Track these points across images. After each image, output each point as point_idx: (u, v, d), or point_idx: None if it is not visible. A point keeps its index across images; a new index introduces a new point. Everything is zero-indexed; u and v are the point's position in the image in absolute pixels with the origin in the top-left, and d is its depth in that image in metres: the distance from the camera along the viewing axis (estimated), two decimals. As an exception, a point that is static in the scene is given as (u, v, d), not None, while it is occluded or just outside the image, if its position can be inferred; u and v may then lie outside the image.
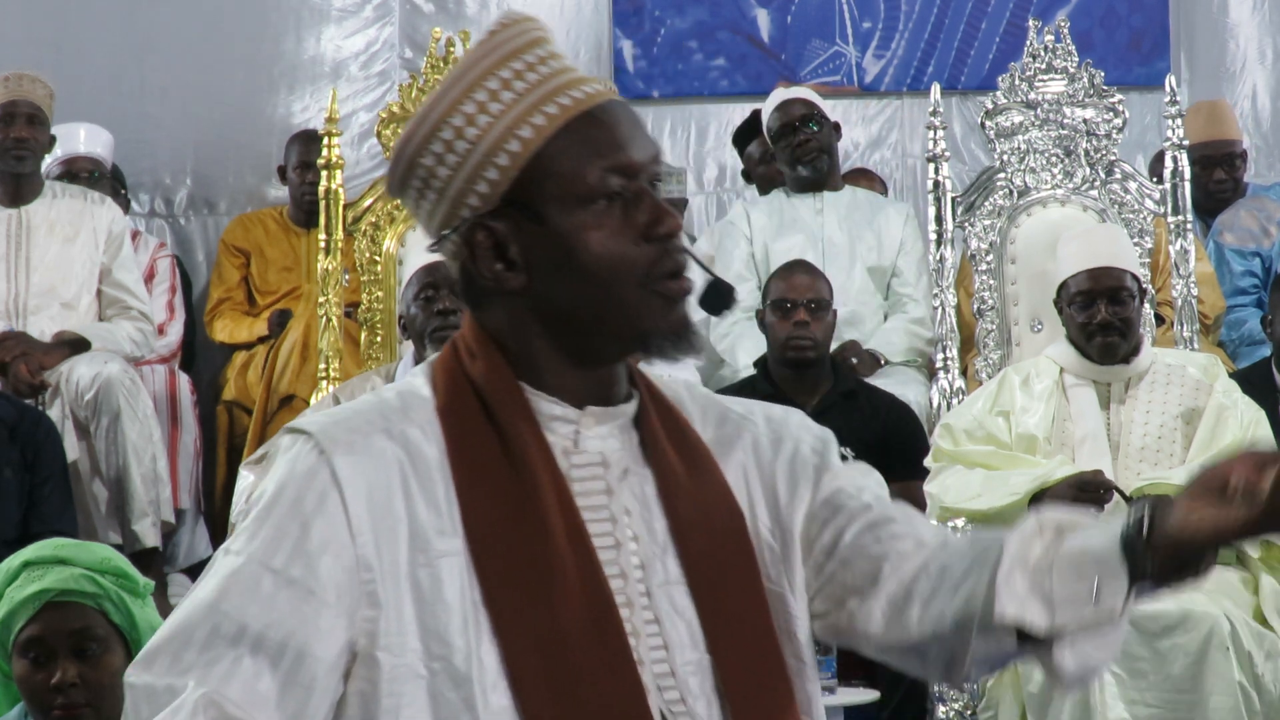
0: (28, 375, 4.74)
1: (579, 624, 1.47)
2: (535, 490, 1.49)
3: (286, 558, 1.43)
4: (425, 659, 1.44)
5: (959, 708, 3.92)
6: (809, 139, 5.41)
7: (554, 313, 1.53)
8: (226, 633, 1.42)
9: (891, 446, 4.56)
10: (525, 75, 1.53)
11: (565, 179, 1.51)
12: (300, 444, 1.48)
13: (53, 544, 2.45)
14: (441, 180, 1.52)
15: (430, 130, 1.52)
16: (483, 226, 1.52)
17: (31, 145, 5.07)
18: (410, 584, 1.45)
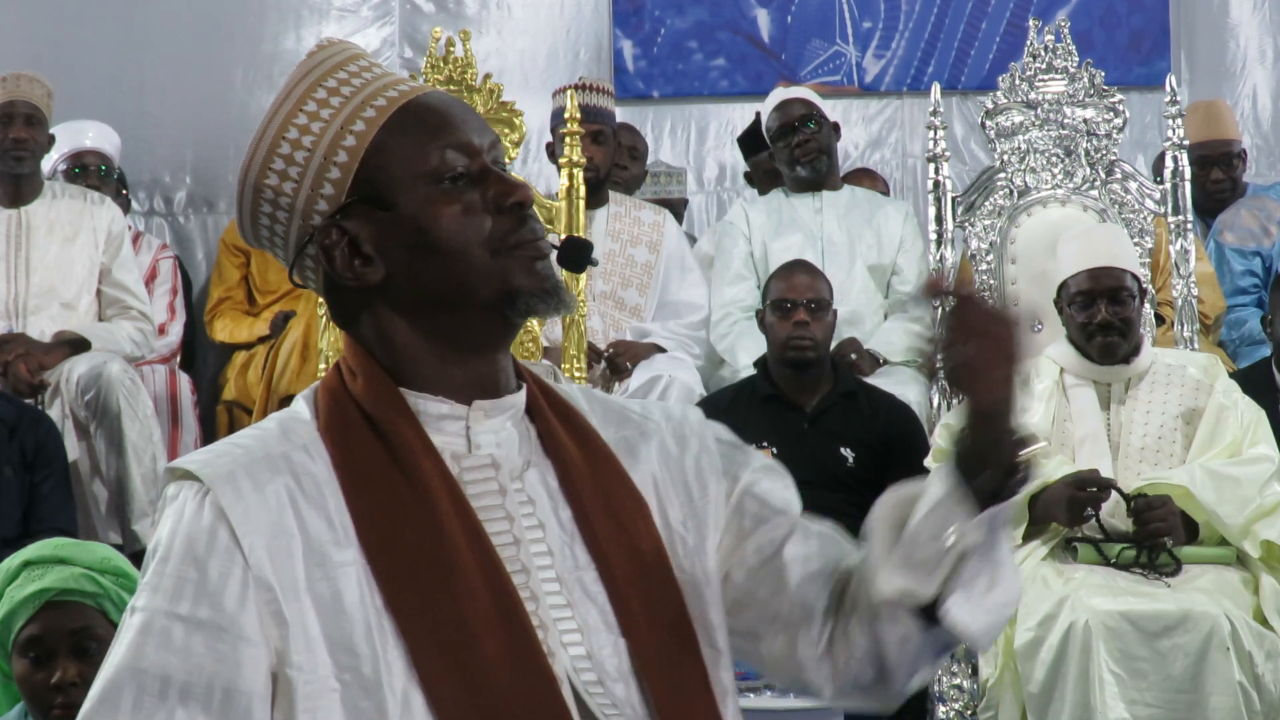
0: (28, 375, 4.74)
1: (483, 619, 1.48)
2: (427, 493, 1.51)
3: (191, 603, 1.45)
4: (335, 671, 1.45)
5: (959, 708, 3.92)
6: (808, 139, 5.41)
7: (418, 299, 1.55)
8: (152, 690, 1.43)
9: (891, 446, 4.56)
10: (350, 81, 1.57)
11: (407, 161, 1.54)
12: (184, 488, 1.50)
13: (53, 544, 2.45)
14: (289, 196, 1.55)
15: (267, 151, 1.56)
16: (335, 227, 1.55)
17: (30, 145, 5.07)
18: (311, 598, 1.46)
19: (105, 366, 4.72)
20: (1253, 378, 4.70)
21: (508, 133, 4.46)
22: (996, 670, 3.76)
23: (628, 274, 5.44)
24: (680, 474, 1.65)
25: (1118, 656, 3.59)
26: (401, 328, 1.56)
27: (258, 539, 1.46)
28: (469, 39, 4.56)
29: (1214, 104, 6.11)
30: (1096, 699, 3.57)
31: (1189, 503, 3.88)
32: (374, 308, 1.56)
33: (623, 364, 5.14)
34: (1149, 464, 4.01)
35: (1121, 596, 3.67)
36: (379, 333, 1.56)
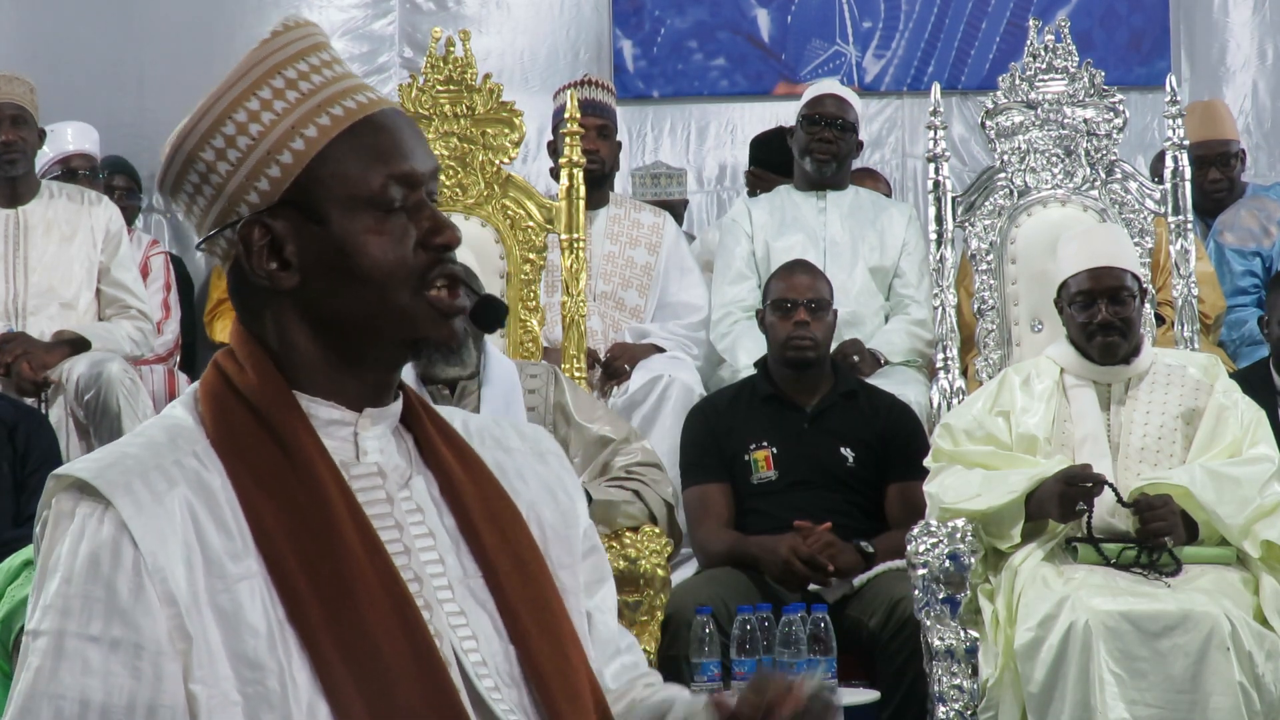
0: (31, 374, 4.74)
1: (384, 630, 1.47)
2: (325, 501, 1.49)
3: (104, 622, 1.41)
4: (239, 685, 1.43)
5: (959, 708, 3.92)
6: (830, 141, 5.42)
7: (325, 315, 1.53)
8: (71, 714, 1.40)
9: (891, 446, 4.56)
10: (310, 77, 1.55)
11: (349, 181, 1.52)
12: (79, 502, 1.45)
13: None
14: (220, 176, 1.53)
15: (211, 126, 1.53)
16: (260, 224, 1.52)
17: (20, 147, 5.06)
18: (213, 611, 1.44)
19: (105, 366, 4.72)
20: (1252, 378, 4.70)
21: (508, 132, 4.46)
22: (996, 670, 3.75)
23: (627, 275, 5.44)
24: (547, 489, 1.67)
25: (1118, 656, 3.59)
26: (303, 335, 1.54)
27: (160, 552, 1.43)
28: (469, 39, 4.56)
29: (1211, 104, 6.11)
30: (1096, 699, 3.57)
31: (1189, 503, 3.88)
32: (279, 309, 1.53)
33: (620, 368, 5.14)
34: (1149, 464, 4.01)
35: (1121, 596, 3.67)
36: (279, 333, 1.54)
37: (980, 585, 3.92)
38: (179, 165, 1.54)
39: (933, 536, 3.92)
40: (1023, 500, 3.88)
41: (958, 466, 4.02)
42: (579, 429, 4.06)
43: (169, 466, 1.47)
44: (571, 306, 4.45)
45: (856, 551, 4.37)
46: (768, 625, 4.01)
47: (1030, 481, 3.88)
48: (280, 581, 1.46)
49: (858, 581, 4.36)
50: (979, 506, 3.91)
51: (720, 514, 4.53)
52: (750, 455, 4.56)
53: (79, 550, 1.43)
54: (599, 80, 5.71)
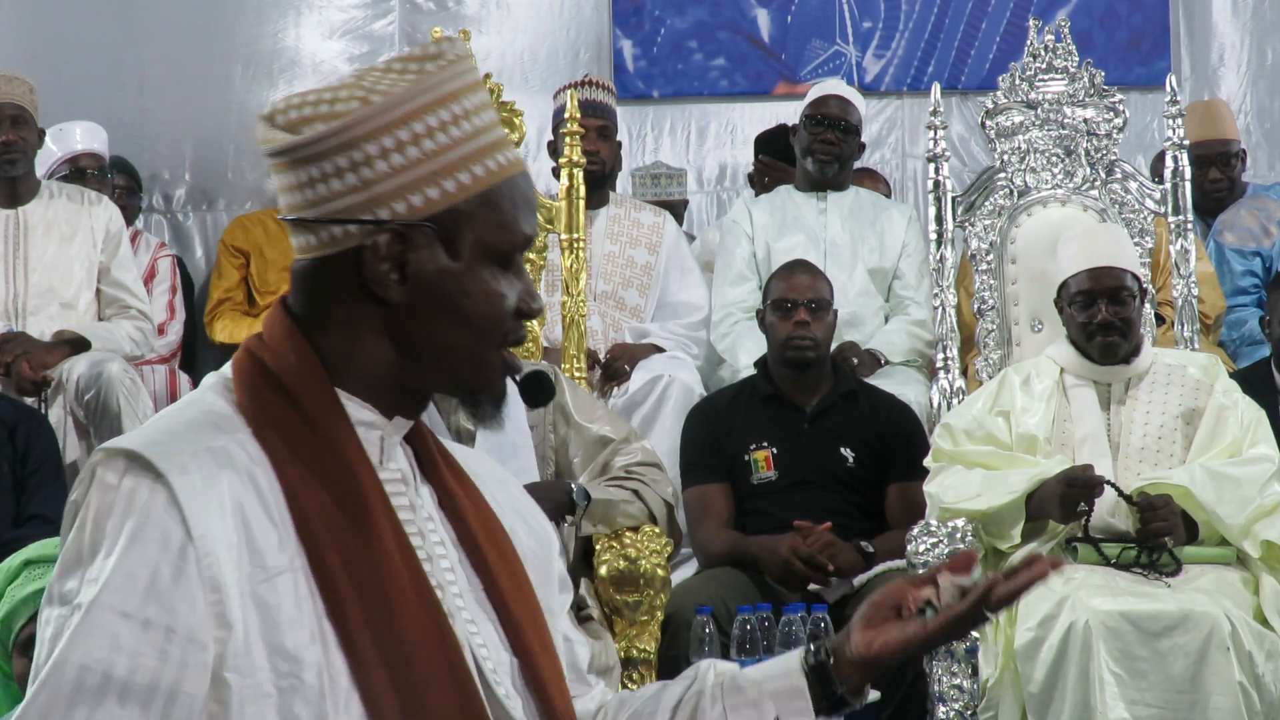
0: (31, 373, 4.74)
1: (419, 636, 1.48)
2: (364, 501, 1.50)
3: (140, 600, 1.41)
4: (274, 677, 1.43)
5: (959, 708, 3.92)
6: (833, 143, 5.42)
7: (411, 337, 1.54)
8: (91, 685, 1.39)
9: (891, 446, 4.56)
10: (481, 113, 1.55)
11: (494, 230, 1.54)
12: (132, 474, 1.44)
13: (53, 543, 2.45)
14: (374, 173, 1.51)
15: (388, 123, 1.51)
16: (397, 233, 1.51)
17: (20, 147, 5.05)
18: (254, 601, 1.43)
19: (105, 366, 4.72)
20: (1253, 378, 4.70)
21: (507, 132, 4.46)
22: (996, 670, 3.75)
23: (627, 275, 5.44)
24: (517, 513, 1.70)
25: (1118, 656, 3.59)
26: (374, 344, 1.54)
27: (209, 536, 1.42)
28: (469, 39, 4.56)
29: (1212, 103, 6.11)
30: (1096, 699, 3.57)
31: (1189, 502, 3.88)
32: (360, 313, 1.53)
33: (620, 368, 5.13)
34: (1149, 464, 4.01)
35: (1121, 596, 3.67)
36: (343, 334, 1.54)
37: (980, 585, 3.92)
38: (334, 143, 1.51)
39: (933, 536, 3.92)
40: (1023, 501, 3.88)
41: (958, 466, 4.02)
42: (579, 429, 4.06)
43: (217, 450, 1.47)
44: (571, 306, 4.45)
45: (856, 551, 4.37)
46: (768, 625, 4.01)
47: (1030, 482, 3.88)
48: (321, 577, 1.46)
49: (858, 581, 4.36)
50: (979, 506, 3.91)
51: (720, 514, 4.53)
52: (750, 455, 4.56)
53: (125, 525, 1.42)
54: (599, 80, 5.71)
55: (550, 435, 4.07)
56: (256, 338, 1.55)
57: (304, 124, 1.51)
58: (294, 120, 1.52)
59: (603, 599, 4.01)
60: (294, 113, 1.52)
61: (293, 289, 1.56)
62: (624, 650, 3.97)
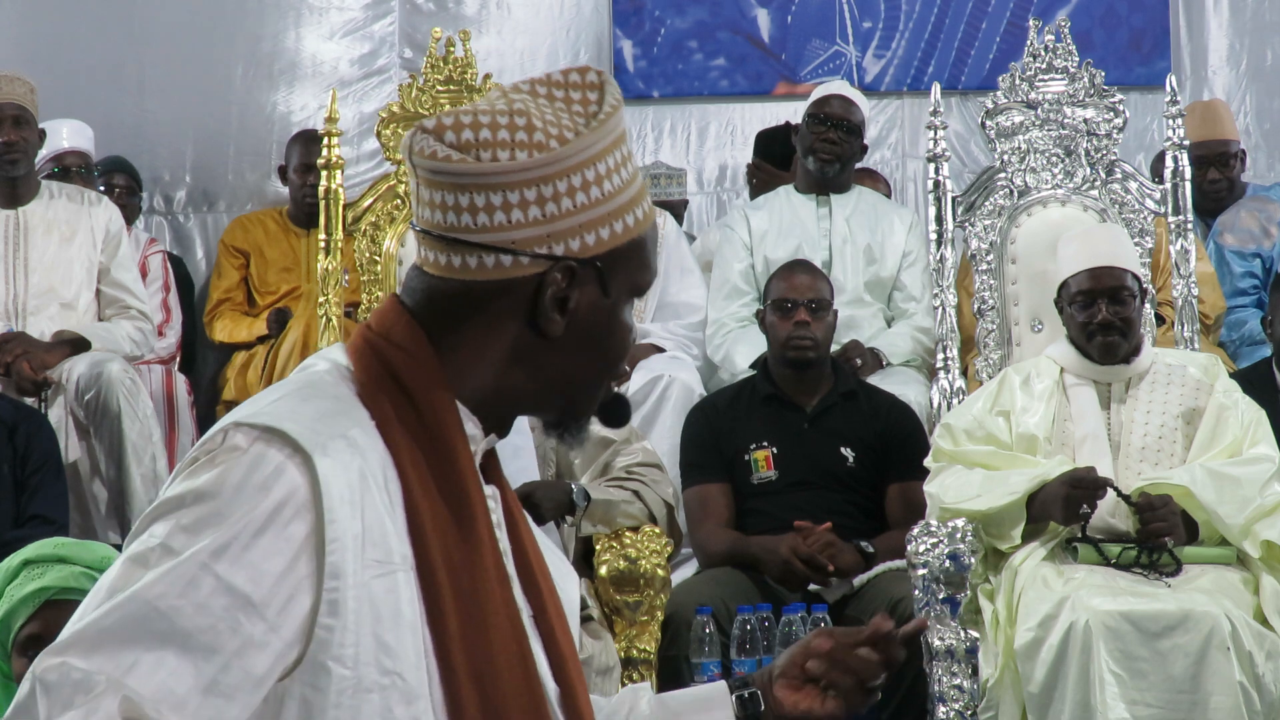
0: (31, 373, 4.73)
1: (506, 658, 1.49)
2: (472, 513, 1.51)
3: (236, 567, 1.40)
4: (378, 673, 1.43)
5: (959, 708, 3.92)
6: (834, 143, 5.41)
7: (551, 367, 1.56)
8: (155, 628, 1.38)
9: (891, 446, 4.56)
10: (632, 159, 1.60)
11: (636, 270, 1.59)
12: (265, 442, 1.44)
13: (52, 543, 2.45)
14: (560, 210, 1.52)
15: (583, 161, 1.53)
16: (570, 269, 1.53)
17: (21, 147, 5.05)
18: (367, 594, 1.43)
19: (105, 366, 4.72)
20: (1253, 378, 4.70)
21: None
22: (997, 670, 3.75)
23: (627, 274, 5.43)
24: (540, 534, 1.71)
25: (1118, 657, 3.59)
26: (511, 372, 1.55)
27: (339, 522, 1.42)
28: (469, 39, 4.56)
29: (1211, 104, 6.10)
30: (1097, 699, 3.57)
31: (1189, 502, 3.88)
32: (506, 338, 1.54)
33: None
34: (1149, 464, 4.01)
35: (1122, 596, 3.67)
36: (480, 353, 1.54)
37: (980, 585, 3.92)
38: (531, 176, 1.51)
39: (933, 536, 3.92)
40: (1024, 501, 3.88)
41: (958, 466, 4.02)
42: (579, 429, 4.06)
43: (351, 438, 1.47)
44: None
45: (856, 551, 4.37)
46: (768, 625, 4.01)
47: (1031, 482, 3.88)
48: (425, 582, 1.46)
49: (858, 581, 4.35)
50: (979, 507, 3.91)
51: (720, 514, 4.53)
52: (750, 455, 4.56)
53: (251, 492, 1.41)
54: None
55: (550, 435, 4.07)
56: (375, 334, 1.54)
57: (484, 147, 1.51)
58: (469, 142, 1.52)
59: (603, 599, 4.01)
60: (468, 133, 1.52)
61: (421, 299, 1.55)
62: (624, 650, 3.97)
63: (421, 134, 1.53)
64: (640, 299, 1.63)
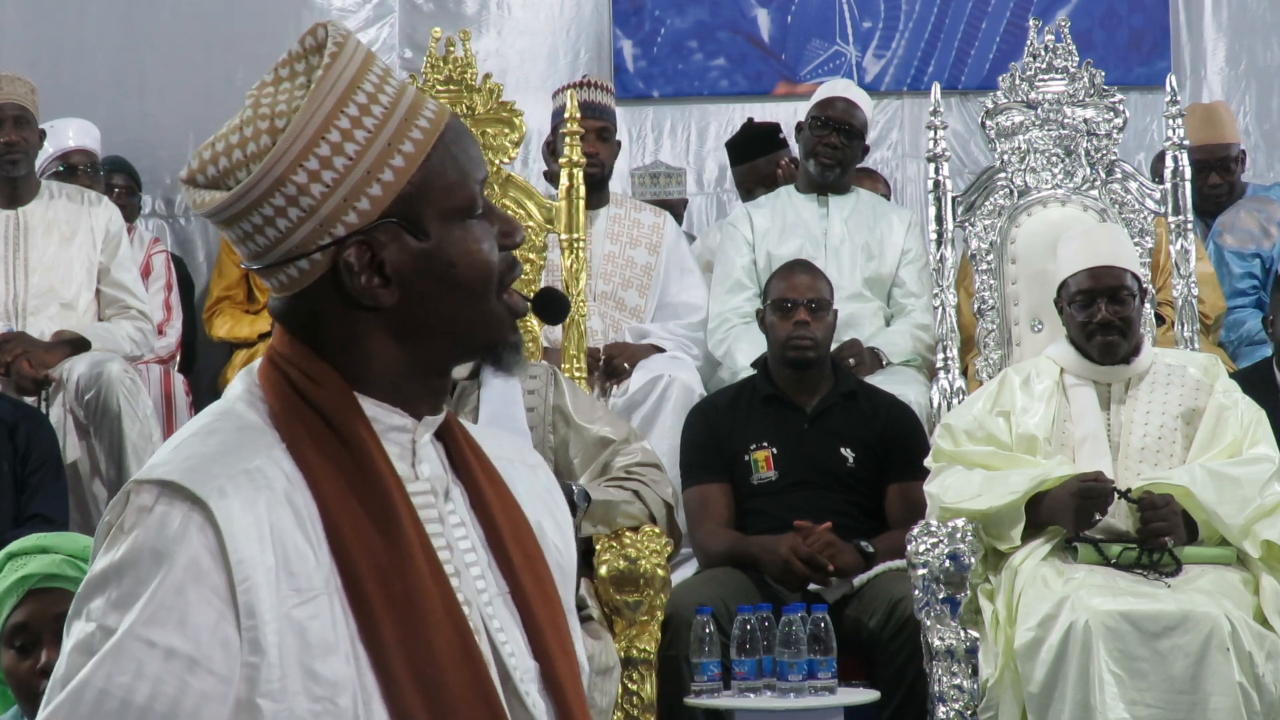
0: (31, 371, 4.73)
1: (450, 658, 1.47)
2: (396, 519, 1.48)
3: (167, 630, 1.40)
4: (309, 702, 1.42)
5: (959, 708, 3.92)
6: (836, 147, 5.41)
7: (416, 325, 1.52)
8: (109, 709, 1.38)
9: (891, 446, 4.56)
10: (384, 89, 1.51)
11: (448, 192, 1.51)
12: (164, 500, 1.42)
13: (36, 536, 2.47)
14: (313, 198, 1.47)
15: (303, 149, 1.47)
16: (360, 243, 1.49)
17: (22, 147, 5.05)
18: (289, 624, 1.42)
19: (105, 366, 4.72)
20: (1253, 378, 4.70)
21: (508, 132, 4.46)
22: (996, 670, 3.75)
23: (627, 275, 5.44)
24: (544, 505, 1.67)
25: (1118, 657, 3.59)
26: (383, 345, 1.52)
27: (248, 562, 1.41)
28: (469, 39, 4.55)
29: (1213, 106, 6.09)
30: (1096, 699, 3.57)
31: (1189, 502, 3.88)
32: (360, 323, 1.51)
33: (620, 366, 5.13)
34: (1149, 464, 4.01)
35: (1122, 597, 3.67)
36: (350, 344, 1.51)
37: (980, 585, 3.92)
38: (260, 190, 1.47)
39: (933, 536, 3.92)
40: (1023, 503, 3.88)
41: (958, 467, 4.02)
42: (579, 430, 4.06)
43: (253, 471, 1.45)
44: (571, 307, 4.45)
45: (856, 551, 4.37)
46: (768, 625, 4.01)
47: (1032, 482, 3.88)
48: (355, 597, 1.44)
49: (858, 581, 4.36)
50: (979, 507, 3.91)
51: (720, 514, 4.53)
52: (750, 455, 4.56)
53: (163, 552, 1.41)
54: (599, 81, 5.71)
55: (550, 436, 4.08)
56: (278, 355, 1.53)
57: (227, 176, 1.49)
58: (215, 176, 1.49)
59: (603, 599, 4.01)
60: (211, 168, 1.49)
61: (286, 324, 1.53)
62: (624, 650, 3.98)
63: (184, 185, 1.51)
64: (472, 211, 1.52)
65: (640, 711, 4.01)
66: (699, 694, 4.02)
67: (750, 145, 5.99)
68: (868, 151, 5.64)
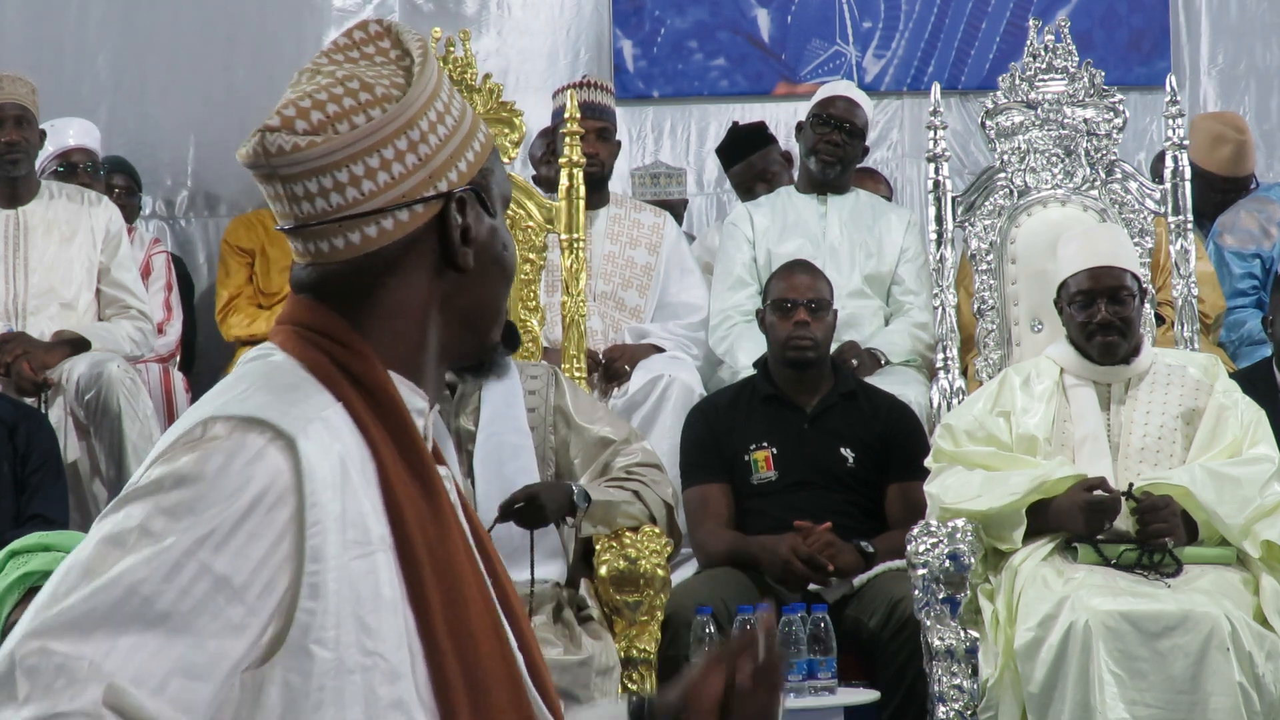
0: (31, 373, 4.74)
1: (483, 631, 1.49)
2: (437, 491, 1.51)
3: (214, 551, 1.38)
4: (360, 654, 1.42)
5: (959, 708, 3.92)
6: (837, 145, 5.42)
7: (467, 304, 1.56)
8: (137, 612, 1.36)
9: (891, 447, 4.56)
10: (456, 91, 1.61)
11: (501, 181, 1.60)
12: (244, 430, 1.42)
13: (37, 534, 2.48)
14: (430, 149, 1.52)
15: (429, 97, 1.53)
16: (459, 201, 1.54)
17: (23, 147, 5.06)
18: (348, 576, 1.42)
19: (105, 366, 4.72)
20: (1253, 378, 4.70)
21: (507, 132, 4.46)
22: (996, 670, 3.75)
23: (627, 275, 5.44)
24: None
25: (1118, 657, 3.59)
26: (433, 323, 1.55)
27: (320, 506, 1.41)
28: (469, 39, 4.56)
29: (1246, 140, 5.97)
30: (1096, 699, 3.57)
31: (1189, 502, 3.88)
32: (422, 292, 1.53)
33: (620, 368, 5.13)
34: (1149, 464, 4.01)
35: (1122, 597, 3.67)
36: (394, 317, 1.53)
37: (980, 585, 3.92)
38: (395, 127, 1.50)
39: (933, 536, 3.92)
40: (1024, 505, 3.88)
41: (958, 467, 4.02)
42: (579, 430, 4.06)
43: (327, 419, 1.46)
44: (571, 306, 4.45)
45: (856, 551, 4.37)
46: (768, 625, 4.01)
47: (1032, 483, 3.88)
48: (405, 560, 1.45)
49: (858, 581, 4.36)
50: (980, 507, 3.91)
51: (720, 514, 4.53)
52: (750, 455, 4.56)
53: (245, 484, 1.40)
54: (599, 81, 5.71)
55: (551, 436, 4.08)
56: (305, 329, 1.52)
57: (338, 120, 1.50)
58: (321, 122, 1.50)
59: (603, 599, 4.01)
60: (317, 114, 1.50)
61: (324, 290, 1.53)
62: (624, 650, 3.98)
63: (270, 134, 1.51)
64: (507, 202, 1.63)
65: (640, 711, 4.00)
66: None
67: (738, 146, 6.00)
68: (867, 152, 5.65)
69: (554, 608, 3.93)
